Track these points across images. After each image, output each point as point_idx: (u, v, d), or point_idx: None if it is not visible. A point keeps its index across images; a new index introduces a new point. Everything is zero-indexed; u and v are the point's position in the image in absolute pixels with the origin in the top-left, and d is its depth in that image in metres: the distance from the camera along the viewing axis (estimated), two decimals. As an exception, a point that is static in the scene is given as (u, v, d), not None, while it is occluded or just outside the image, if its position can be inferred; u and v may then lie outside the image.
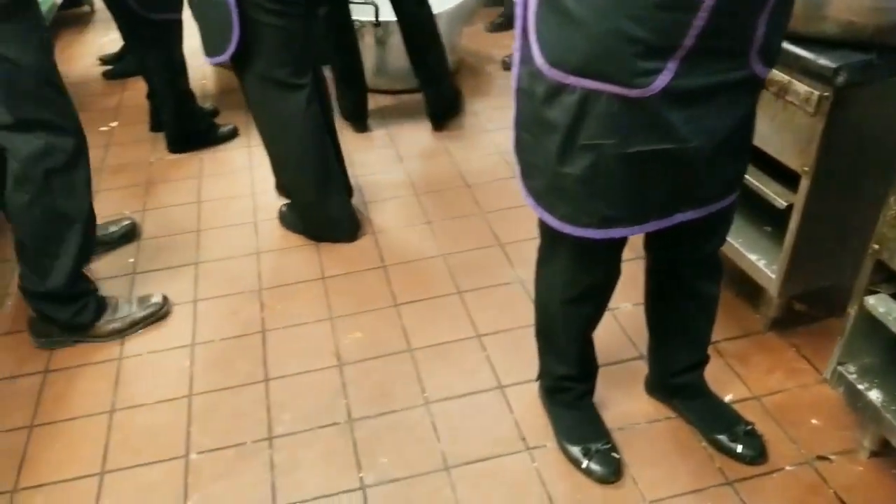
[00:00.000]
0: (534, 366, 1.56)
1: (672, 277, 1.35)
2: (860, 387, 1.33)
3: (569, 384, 1.46)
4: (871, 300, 1.25)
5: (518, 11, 1.02)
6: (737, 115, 1.05)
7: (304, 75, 1.90)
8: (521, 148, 1.13)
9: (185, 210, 2.32)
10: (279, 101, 1.89)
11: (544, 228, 1.23)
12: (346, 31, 2.59)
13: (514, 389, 1.61)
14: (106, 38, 3.70)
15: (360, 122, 2.73)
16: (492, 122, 2.77)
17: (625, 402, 1.56)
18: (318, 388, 1.64)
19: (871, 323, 1.27)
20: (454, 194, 2.35)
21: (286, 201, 2.21)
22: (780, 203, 1.49)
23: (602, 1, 0.90)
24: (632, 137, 1.00)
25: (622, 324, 1.75)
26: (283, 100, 1.89)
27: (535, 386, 1.57)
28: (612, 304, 1.39)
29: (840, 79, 1.29)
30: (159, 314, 1.85)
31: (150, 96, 2.72)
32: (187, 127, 2.62)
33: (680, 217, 1.14)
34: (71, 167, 1.63)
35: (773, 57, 1.03)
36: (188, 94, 2.61)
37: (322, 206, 2.06)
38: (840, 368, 1.35)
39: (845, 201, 1.44)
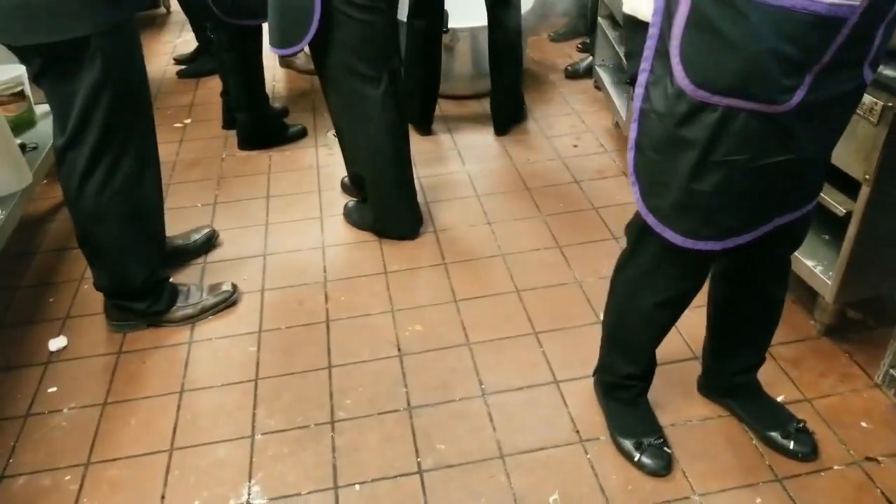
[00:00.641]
0: (589, 363, 1.61)
1: (744, 280, 1.38)
2: (913, 391, 1.35)
3: (631, 382, 1.51)
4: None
5: (653, 32, 1.06)
6: (844, 123, 1.12)
7: (383, 72, 1.96)
8: (646, 167, 1.16)
9: (254, 204, 2.45)
10: (359, 93, 1.97)
11: (640, 237, 1.27)
12: (434, 40, 2.71)
13: (568, 385, 1.67)
14: (180, 38, 3.92)
15: (426, 125, 2.84)
16: (552, 129, 2.83)
17: (678, 400, 1.60)
18: (379, 376, 1.72)
19: (926, 330, 1.29)
20: (514, 197, 2.42)
21: (351, 199, 2.31)
22: (840, 210, 1.51)
23: (759, 22, 0.93)
24: (764, 151, 1.05)
25: (678, 326, 1.78)
26: (363, 92, 1.96)
27: (590, 381, 1.63)
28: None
29: (907, 84, 1.31)
30: (229, 301, 1.96)
31: (223, 94, 2.86)
32: (260, 128, 2.76)
33: (778, 221, 1.19)
34: (143, 171, 1.74)
35: (878, 62, 1.07)
36: (263, 97, 2.75)
37: (393, 201, 2.15)
38: (893, 371, 1.37)
39: (906, 210, 1.45)
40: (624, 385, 1.52)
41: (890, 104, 1.35)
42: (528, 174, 2.54)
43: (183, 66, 3.53)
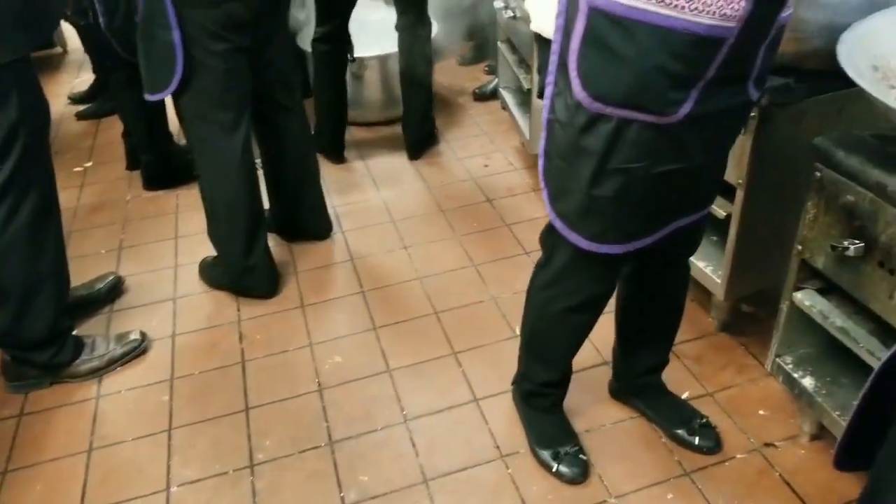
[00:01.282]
0: (507, 377, 1.65)
1: (647, 284, 1.46)
2: (795, 375, 1.46)
3: (548, 390, 1.55)
4: (798, 295, 1.37)
5: (555, 48, 1.12)
6: (733, 135, 1.22)
7: (243, 120, 1.93)
8: (553, 174, 1.22)
9: (162, 246, 2.39)
10: (217, 144, 1.92)
11: (552, 244, 1.33)
12: (339, 68, 2.73)
13: (488, 402, 1.70)
14: (78, 79, 3.79)
15: (337, 153, 2.84)
16: (464, 151, 2.89)
17: (592, 405, 1.66)
18: (299, 413, 1.71)
19: (801, 316, 1.40)
20: (429, 219, 2.46)
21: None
22: (721, 213, 1.61)
23: (647, 40, 0.99)
24: (658, 159, 1.11)
25: (588, 333, 1.86)
26: (221, 143, 1.92)
27: (509, 396, 1.67)
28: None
29: (764, 100, 1.42)
30: (138, 350, 1.90)
31: (125, 135, 2.80)
32: (165, 166, 2.71)
33: (676, 224, 1.27)
34: (48, 211, 1.69)
35: (764, 82, 1.16)
36: (166, 135, 2.71)
37: (246, 258, 2.05)
38: (778, 360, 1.48)
39: (776, 209, 1.56)
40: (541, 393, 1.56)
41: (753, 114, 1.45)
42: (442, 196, 2.59)
43: (81, 107, 3.41)
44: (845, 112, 1.50)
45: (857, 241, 1.20)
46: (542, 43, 2.02)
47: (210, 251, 2.17)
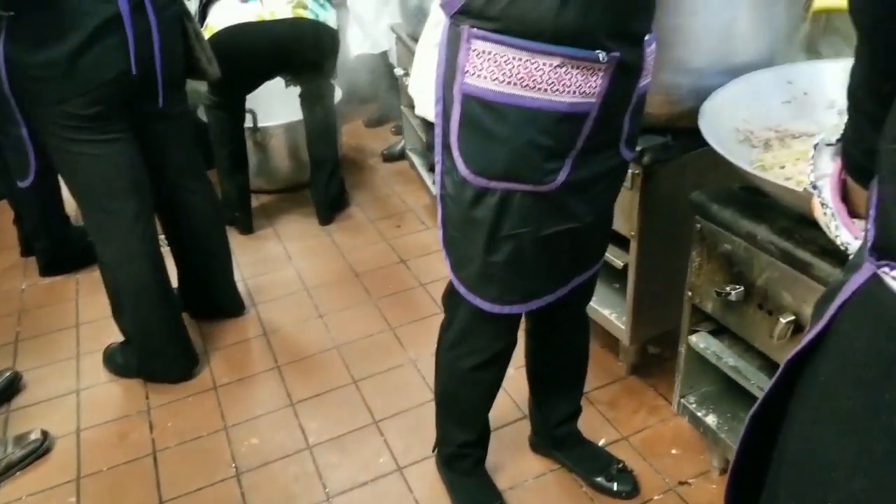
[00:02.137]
0: (429, 442, 1.65)
1: (550, 336, 1.51)
2: (699, 414, 1.53)
3: (468, 451, 1.56)
4: (693, 338, 1.46)
5: (437, 132, 1.18)
6: (615, 192, 1.31)
7: (144, 206, 1.87)
8: (452, 243, 1.27)
9: (62, 336, 2.28)
10: (118, 233, 1.85)
11: (454, 305, 1.36)
12: (238, 136, 2.73)
13: (412, 469, 1.69)
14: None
15: (245, 223, 2.81)
16: (375, 212, 2.92)
17: (514, 461, 1.68)
18: (217, 502, 1.65)
19: (698, 358, 1.48)
20: (344, 285, 2.45)
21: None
22: (618, 263, 1.70)
23: (517, 120, 1.08)
24: (544, 223, 1.18)
25: (506, 388, 1.88)
26: (122, 232, 1.85)
27: (433, 462, 1.66)
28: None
29: (646, 158, 1.53)
30: (39, 451, 1.78)
31: (16, 221, 2.68)
32: (62, 251, 2.60)
33: (576, 280, 1.34)
34: None
35: (635, 143, 1.27)
36: (62, 218, 2.60)
37: (160, 341, 1.98)
38: (683, 400, 1.56)
39: (668, 257, 1.66)
40: (461, 454, 1.57)
41: (637, 171, 1.55)
42: (355, 259, 2.60)
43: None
44: (721, 164, 1.63)
45: (738, 287, 1.30)
46: (428, 125, 2.11)
47: (115, 337, 2.08)
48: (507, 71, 1.05)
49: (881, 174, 0.61)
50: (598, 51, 1.03)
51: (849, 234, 0.79)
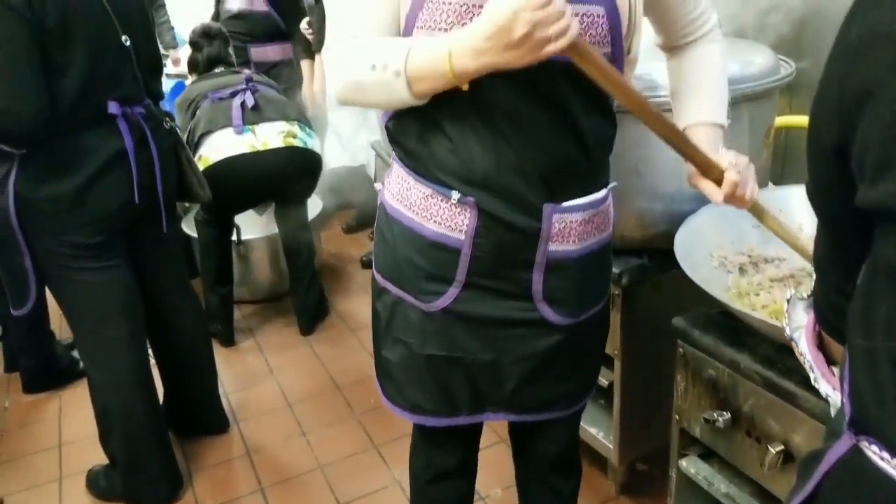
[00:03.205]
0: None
1: (529, 469, 1.45)
2: (695, 538, 1.49)
3: None
4: (683, 463, 1.44)
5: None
6: (539, 346, 1.18)
7: (137, 331, 1.87)
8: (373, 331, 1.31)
9: (43, 457, 2.21)
10: (111, 357, 1.84)
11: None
12: (225, 250, 2.77)
13: None
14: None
15: (226, 335, 2.80)
16: (355, 320, 2.93)
17: None
18: None
19: (689, 482, 1.46)
20: (326, 399, 2.42)
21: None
22: (604, 382, 1.71)
23: (399, 232, 1.16)
24: (427, 341, 1.18)
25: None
26: (115, 357, 1.84)
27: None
28: (483, 490, 1.47)
29: (624, 280, 1.57)
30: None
31: (2, 336, 2.64)
32: (46, 368, 2.55)
33: (491, 417, 1.27)
34: None
35: (572, 308, 1.16)
36: (47, 335, 2.57)
37: (143, 465, 1.94)
38: (678, 524, 1.52)
39: (653, 376, 1.67)
40: None
41: (617, 292, 1.59)
42: (336, 371, 2.58)
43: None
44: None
45: (724, 413, 1.31)
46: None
47: (98, 458, 2.03)
48: (399, 189, 1.15)
49: (853, 361, 0.64)
50: (453, 191, 1.06)
51: (828, 386, 0.81)
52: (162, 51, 2.62)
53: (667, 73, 1.29)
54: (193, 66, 2.85)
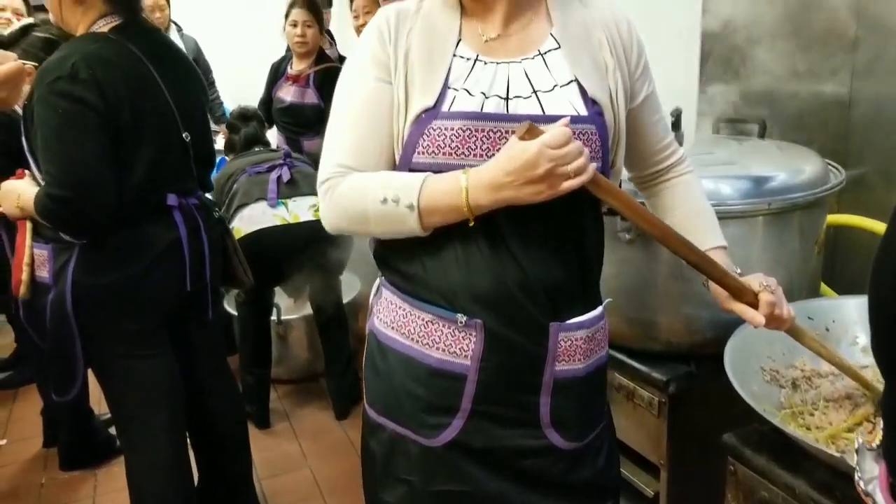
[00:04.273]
0: None
1: None
2: None
3: None
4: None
5: None
6: (549, 474, 1.13)
7: (179, 418, 1.88)
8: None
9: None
10: (152, 445, 1.85)
11: None
12: (264, 329, 2.80)
13: None
14: (-2, 341, 3.69)
15: (262, 417, 2.80)
16: (391, 404, 2.89)
17: None
18: None
19: None
20: (358, 491, 2.32)
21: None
22: (649, 492, 1.64)
23: (394, 362, 1.10)
24: (433, 477, 1.11)
25: None
26: (156, 444, 1.85)
27: None
28: None
29: (671, 388, 1.53)
30: None
31: (44, 412, 2.69)
32: (83, 444, 2.58)
33: None
34: None
35: (576, 431, 1.13)
36: (87, 412, 2.60)
37: None
38: None
39: (701, 486, 1.59)
40: None
41: (663, 400, 1.55)
42: (373, 460, 2.53)
43: (1, 375, 3.29)
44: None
45: (780, 540, 1.23)
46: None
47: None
48: (393, 317, 1.11)
49: None
50: (458, 314, 1.03)
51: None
52: (212, 126, 2.74)
53: (649, 208, 1.28)
54: (231, 146, 2.97)
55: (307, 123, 3.32)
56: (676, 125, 1.70)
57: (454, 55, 1.05)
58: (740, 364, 1.33)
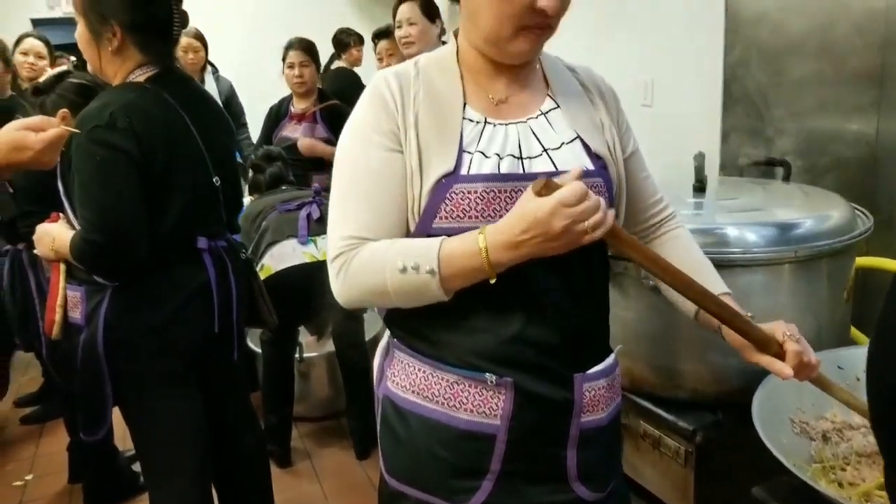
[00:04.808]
0: None
1: None
2: None
3: None
4: None
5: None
6: None
7: (207, 464, 1.89)
8: None
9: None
10: (177, 486, 1.84)
11: None
12: (287, 368, 2.81)
13: None
14: (25, 377, 3.73)
15: (283, 455, 2.79)
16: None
17: None
18: None
19: None
20: (379, 533, 2.34)
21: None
22: (677, 545, 1.60)
23: (417, 427, 1.07)
24: None
25: None
26: (182, 484, 1.84)
27: None
28: None
29: (698, 437, 1.50)
30: None
31: (70, 448, 2.71)
32: (108, 483, 2.59)
33: None
34: None
35: (600, 481, 1.12)
36: (112, 451, 2.63)
37: None
38: None
39: (732, 541, 1.56)
40: None
41: (690, 449, 1.52)
42: (393, 501, 2.50)
43: (27, 410, 3.33)
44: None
45: None
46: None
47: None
48: (412, 380, 1.07)
49: None
50: (487, 374, 1.02)
51: None
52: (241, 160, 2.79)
53: None
54: (255, 186, 3.01)
55: (314, 158, 3.36)
56: (700, 170, 1.70)
57: (463, 118, 1.05)
58: (769, 415, 1.31)
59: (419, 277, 0.96)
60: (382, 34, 3.97)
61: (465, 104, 1.06)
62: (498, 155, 1.03)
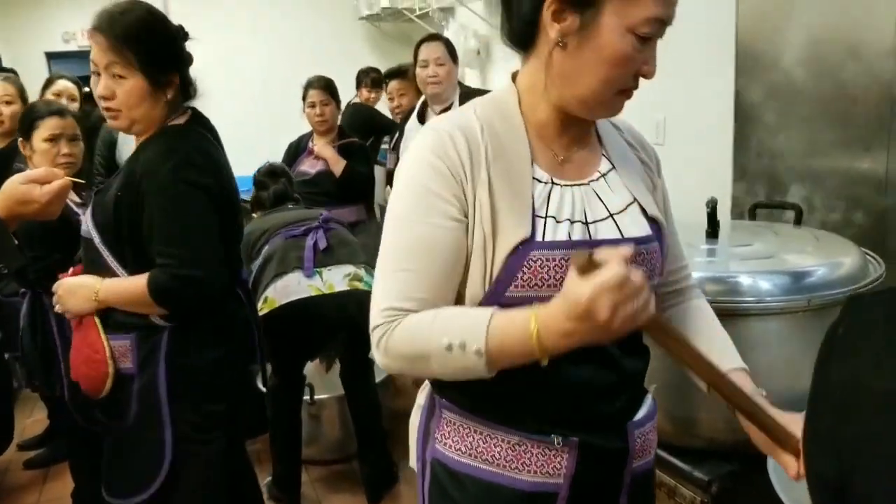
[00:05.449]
0: None
1: None
2: None
3: None
4: None
5: (418, 489, 1.14)
6: None
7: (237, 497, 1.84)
8: None
9: None
10: None
11: None
12: (295, 412, 2.76)
13: None
14: (30, 419, 3.66)
15: (293, 498, 2.74)
16: (424, 490, 2.82)
17: None
18: None
19: None
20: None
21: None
22: None
23: (477, 491, 1.04)
24: None
25: None
26: None
27: None
28: None
29: (714, 487, 1.48)
30: None
31: (74, 495, 2.67)
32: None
33: None
34: None
35: None
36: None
37: None
38: None
39: None
40: None
41: (706, 500, 1.50)
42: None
43: (31, 454, 3.27)
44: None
45: None
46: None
47: None
48: (468, 443, 1.05)
49: None
50: (553, 435, 1.01)
51: None
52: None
53: None
54: (259, 203, 2.94)
55: (330, 192, 3.40)
56: (712, 216, 1.70)
57: (533, 178, 1.00)
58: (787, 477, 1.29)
59: (465, 356, 0.91)
60: (394, 74, 4.04)
61: (532, 162, 1.01)
62: (569, 220, 0.99)
